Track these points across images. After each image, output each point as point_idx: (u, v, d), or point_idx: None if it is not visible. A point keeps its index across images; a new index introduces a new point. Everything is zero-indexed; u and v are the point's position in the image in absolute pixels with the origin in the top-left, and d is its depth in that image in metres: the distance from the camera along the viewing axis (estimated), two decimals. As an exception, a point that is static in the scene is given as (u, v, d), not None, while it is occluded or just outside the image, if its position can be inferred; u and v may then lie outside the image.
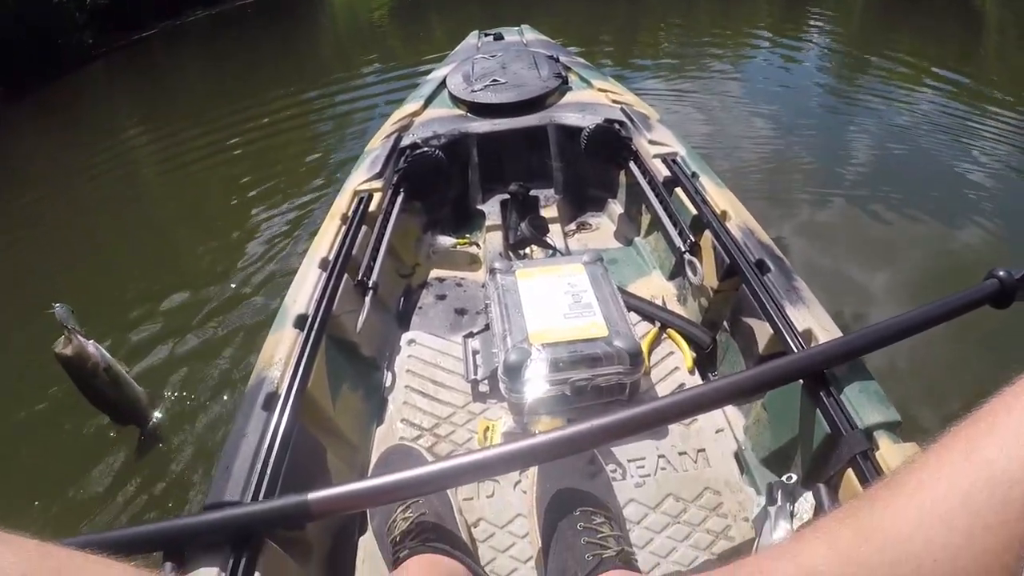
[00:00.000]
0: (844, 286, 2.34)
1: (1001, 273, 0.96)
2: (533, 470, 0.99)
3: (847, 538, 0.60)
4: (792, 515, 0.89)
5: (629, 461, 1.11)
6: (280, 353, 1.07)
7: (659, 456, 1.11)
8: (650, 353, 1.31)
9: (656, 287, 1.54)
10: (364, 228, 1.48)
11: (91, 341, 1.76)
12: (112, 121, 5.23)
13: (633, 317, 1.36)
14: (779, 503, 0.90)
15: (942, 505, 0.54)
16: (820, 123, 4.03)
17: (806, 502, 0.89)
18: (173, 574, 0.75)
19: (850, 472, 0.84)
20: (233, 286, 2.68)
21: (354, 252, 1.39)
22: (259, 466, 0.89)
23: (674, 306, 1.45)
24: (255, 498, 0.85)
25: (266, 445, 0.92)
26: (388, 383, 1.31)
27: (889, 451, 0.83)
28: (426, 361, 1.34)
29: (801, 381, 0.96)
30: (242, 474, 0.87)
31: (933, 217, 2.84)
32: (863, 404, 0.88)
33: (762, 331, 1.16)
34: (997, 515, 0.51)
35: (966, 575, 0.52)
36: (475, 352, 1.32)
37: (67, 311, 1.69)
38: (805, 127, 3.94)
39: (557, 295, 1.27)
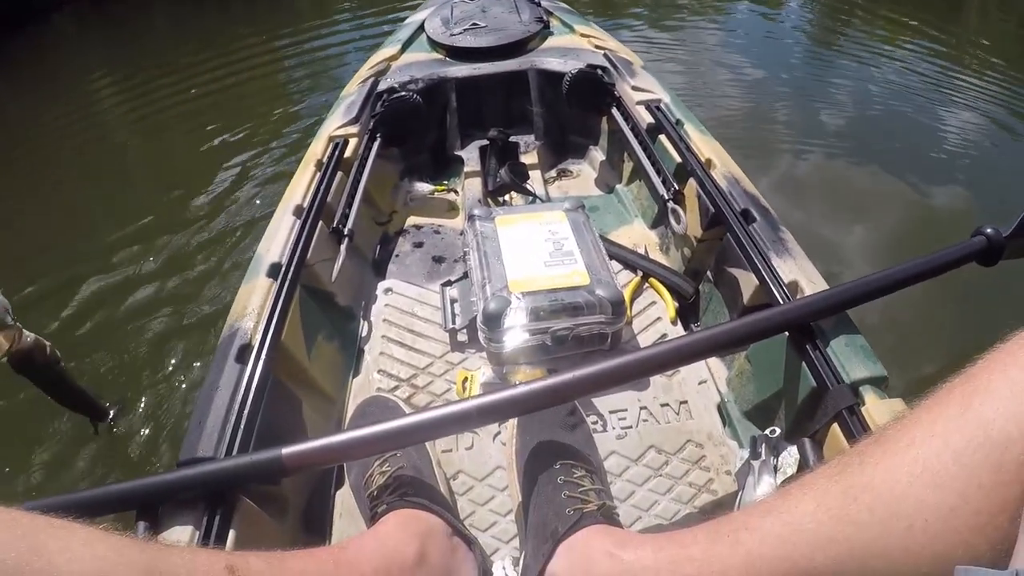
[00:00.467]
0: (818, 241, 2.34)
1: (988, 230, 0.95)
2: (512, 422, 0.97)
3: (836, 496, 0.58)
4: (776, 469, 0.88)
5: (610, 412, 1.09)
6: (253, 303, 1.04)
7: (641, 408, 1.10)
8: (632, 303, 1.29)
9: (638, 236, 1.52)
10: (339, 174, 1.45)
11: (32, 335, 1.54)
12: (81, 70, 5.03)
13: (615, 266, 1.33)
14: (763, 457, 0.89)
15: (935, 464, 0.52)
16: (798, 78, 3.99)
17: (790, 456, 0.88)
18: (147, 533, 0.73)
19: (835, 427, 0.83)
20: (206, 235, 2.62)
21: (329, 199, 1.35)
22: (232, 420, 0.87)
23: (656, 255, 1.43)
24: (229, 453, 0.83)
25: (239, 398, 0.90)
26: (364, 333, 1.28)
27: (875, 406, 0.81)
28: (403, 310, 1.31)
29: (786, 334, 0.95)
30: (215, 429, 0.85)
31: (910, 176, 2.84)
32: (849, 358, 0.87)
33: (747, 282, 1.14)
34: (992, 476, 0.49)
35: (959, 537, 0.51)
36: (453, 301, 1.29)
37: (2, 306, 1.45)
38: (783, 82, 3.91)
39: (538, 242, 1.24)
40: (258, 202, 2.81)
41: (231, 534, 0.76)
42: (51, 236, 2.81)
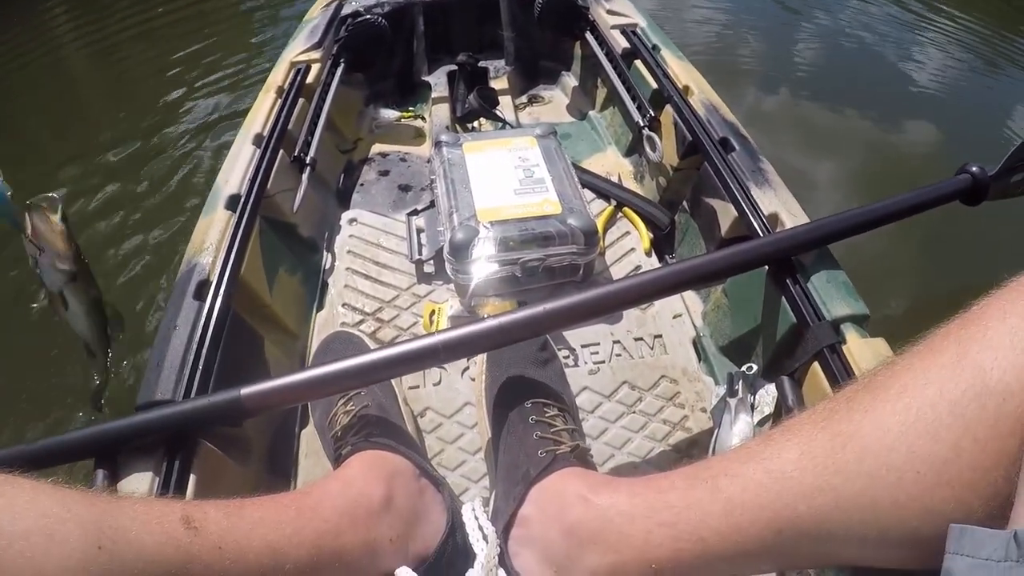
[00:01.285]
0: (789, 176, 2.30)
1: (974, 169, 0.92)
2: (482, 357, 0.93)
3: (822, 444, 0.55)
4: (752, 407, 0.86)
5: (582, 347, 1.06)
6: (211, 237, 0.99)
7: (614, 342, 1.07)
8: (605, 233, 1.25)
9: (611, 163, 1.47)
10: (301, 101, 1.38)
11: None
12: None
13: (587, 195, 1.29)
14: (739, 395, 0.87)
15: (929, 414, 0.49)
16: (768, 10, 3.90)
17: (767, 394, 0.86)
18: (105, 482, 0.71)
19: (815, 366, 0.80)
20: (165, 165, 2.50)
21: (290, 127, 1.29)
22: (191, 361, 0.83)
23: (630, 184, 1.39)
24: (188, 395, 0.80)
25: (198, 337, 0.86)
26: (328, 265, 1.23)
27: (857, 345, 0.79)
28: (368, 241, 1.26)
29: (766, 267, 0.92)
30: (173, 370, 0.81)
31: (881, 113, 2.78)
32: (831, 295, 0.84)
33: (725, 213, 1.10)
34: (989, 429, 0.46)
35: (950, 491, 0.48)
36: (419, 231, 1.24)
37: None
38: (752, 12, 3.81)
39: (507, 170, 1.19)
40: (217, 130, 2.70)
41: (191, 479, 0.73)
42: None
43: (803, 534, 0.55)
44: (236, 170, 1.12)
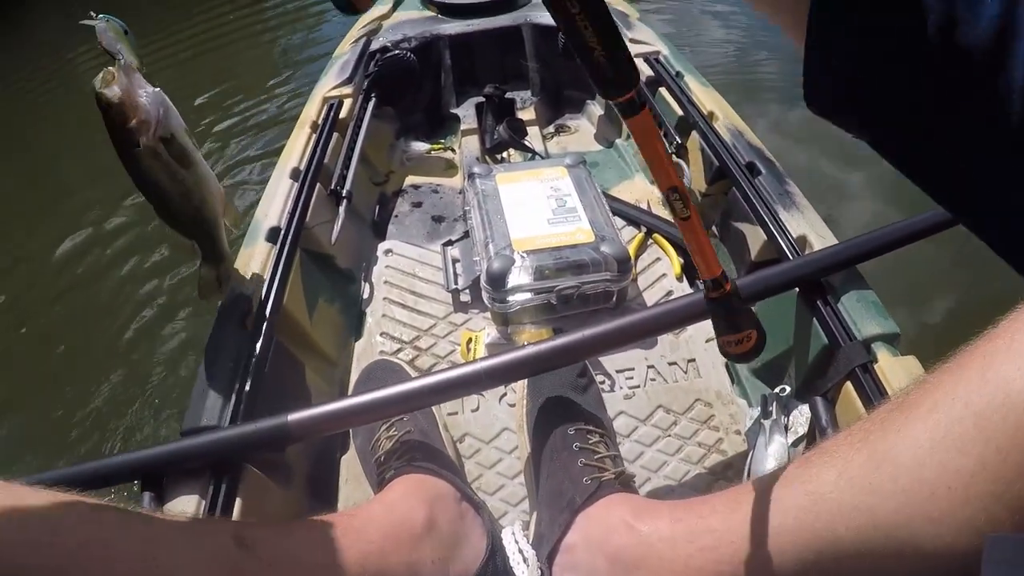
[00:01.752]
0: (820, 188, 2.30)
1: None
2: (521, 383, 0.95)
3: (858, 464, 0.56)
4: (787, 428, 0.87)
5: (617, 372, 1.08)
6: (253, 268, 1.02)
7: (648, 366, 1.09)
8: (636, 259, 1.28)
9: (640, 191, 1.49)
10: (335, 136, 1.41)
11: (156, 88, 0.87)
12: (57, 35, 4.92)
13: (617, 222, 1.31)
14: (774, 416, 0.88)
15: (956, 428, 0.50)
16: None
17: (801, 415, 0.87)
18: (152, 505, 0.73)
19: (848, 385, 0.81)
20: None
21: (326, 160, 1.33)
22: (236, 387, 0.86)
23: (659, 211, 1.41)
24: (233, 421, 0.82)
25: (242, 365, 0.88)
26: (366, 295, 1.26)
27: (888, 364, 0.80)
28: (404, 271, 1.29)
29: (796, 290, 0.93)
30: (219, 397, 0.84)
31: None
32: (861, 315, 0.86)
33: (754, 237, 1.12)
34: (1010, 439, 0.47)
35: (980, 504, 0.48)
36: (455, 261, 1.27)
37: (115, 29, 0.85)
38: (768, 30, 3.82)
39: (540, 200, 1.21)
40: (254, 166, 2.76)
41: (237, 503, 0.76)
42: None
43: (842, 554, 0.56)
44: (275, 203, 1.16)
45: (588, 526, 0.73)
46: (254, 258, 1.04)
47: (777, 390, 0.89)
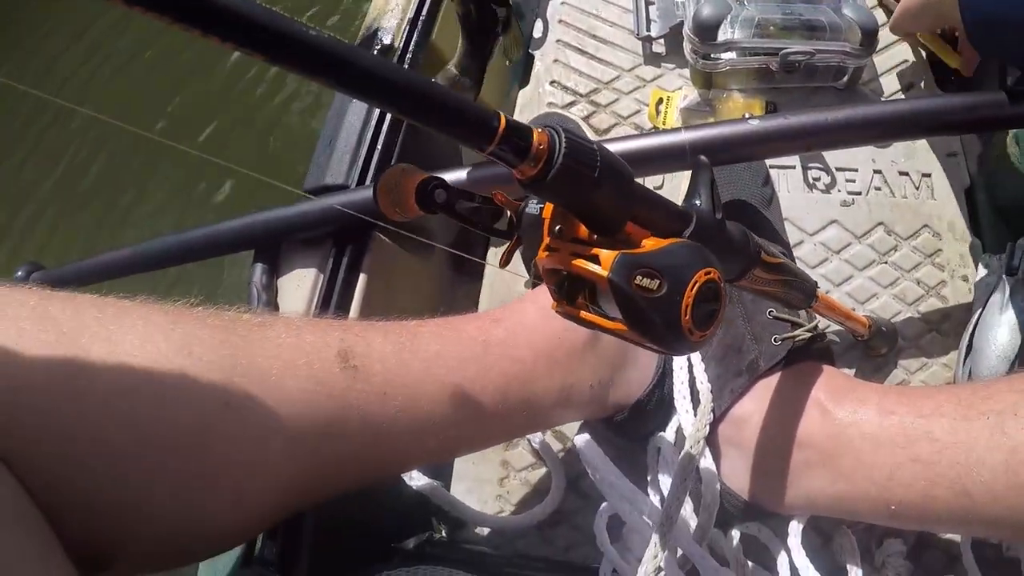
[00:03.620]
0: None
1: None
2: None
3: None
4: (1029, 299, 0.69)
5: (838, 170, 0.89)
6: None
7: (875, 171, 0.89)
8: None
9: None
10: None
11: None
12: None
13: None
14: (1019, 275, 0.69)
15: None
16: None
17: (1050, 288, 0.68)
18: (264, 277, 0.65)
19: None
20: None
21: None
22: (368, 141, 0.73)
23: None
24: (362, 181, 0.71)
25: (376, 115, 0.75)
26: (537, 35, 1.07)
27: None
28: (585, 10, 1.08)
29: None
30: (347, 151, 0.73)
31: None
32: None
33: None
34: None
35: None
36: (649, 2, 1.05)
37: None
38: None
39: (775, -69, 0.97)
40: None
41: (361, 278, 0.67)
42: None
43: None
44: None
45: (769, 399, 0.60)
46: None
47: None
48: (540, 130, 0.32)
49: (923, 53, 1.00)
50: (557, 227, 0.38)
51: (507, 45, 0.80)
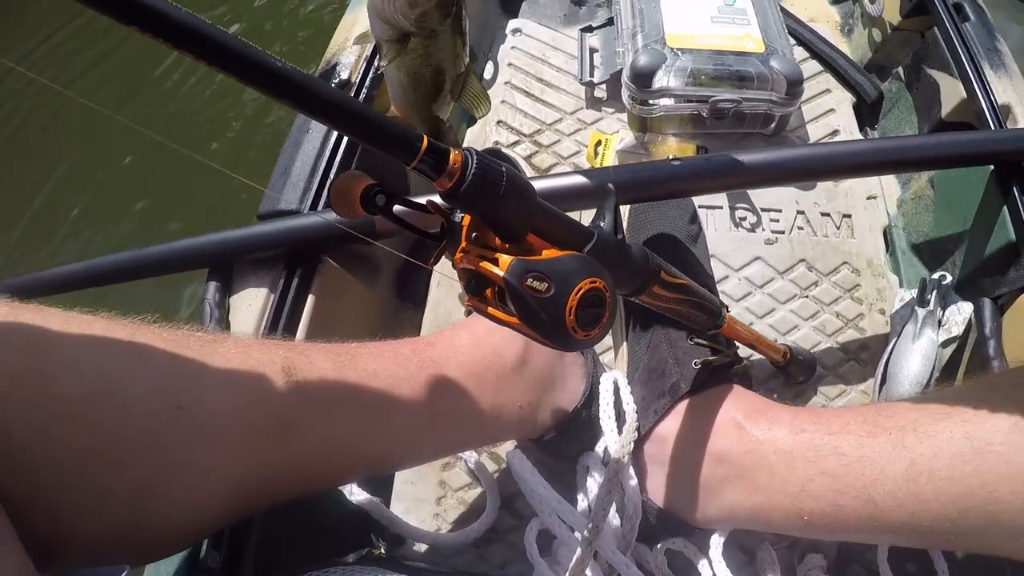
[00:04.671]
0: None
1: None
2: (624, 212, 0.82)
3: None
4: (940, 324, 0.76)
5: (763, 210, 0.96)
6: (355, 34, 0.92)
7: (798, 212, 0.96)
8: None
9: (816, 9, 1.28)
10: None
11: None
12: None
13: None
14: (930, 306, 0.76)
15: None
16: None
17: (959, 313, 0.75)
18: (217, 295, 0.68)
19: None
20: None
21: None
22: (322, 169, 0.77)
23: (836, 38, 1.21)
24: (314, 206, 0.74)
25: (331, 143, 0.79)
26: (487, 76, 1.13)
27: None
28: (533, 55, 1.15)
29: (991, 167, 0.79)
30: (302, 177, 0.76)
31: None
32: None
33: (950, 91, 0.94)
34: None
35: None
36: (593, 51, 1.12)
37: None
38: None
39: (705, -8, 1.04)
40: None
41: (310, 300, 0.70)
42: None
43: (995, 522, 0.47)
44: None
45: (689, 418, 0.64)
46: (357, 23, 0.94)
47: (937, 276, 0.77)
48: (456, 151, 0.39)
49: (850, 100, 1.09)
50: (474, 234, 0.44)
51: (470, 104, 0.80)
